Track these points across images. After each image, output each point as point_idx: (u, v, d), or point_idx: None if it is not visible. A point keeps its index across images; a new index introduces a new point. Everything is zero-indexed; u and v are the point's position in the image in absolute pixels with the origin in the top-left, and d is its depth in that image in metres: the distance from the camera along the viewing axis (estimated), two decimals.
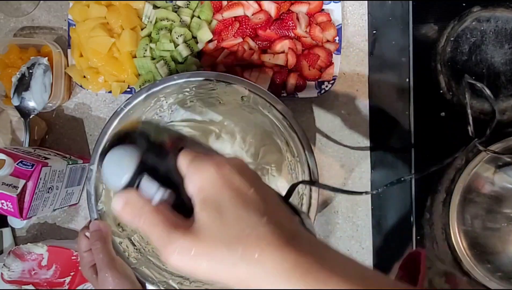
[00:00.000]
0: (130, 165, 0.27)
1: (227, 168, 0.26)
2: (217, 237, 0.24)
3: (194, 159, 0.27)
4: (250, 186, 0.26)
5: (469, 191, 0.54)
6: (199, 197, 0.26)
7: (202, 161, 0.27)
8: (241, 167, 0.27)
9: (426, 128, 0.58)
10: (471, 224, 0.55)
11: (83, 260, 0.46)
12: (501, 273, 0.54)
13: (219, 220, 0.25)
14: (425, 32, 0.59)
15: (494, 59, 0.56)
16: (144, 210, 0.26)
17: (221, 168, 0.26)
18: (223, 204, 0.25)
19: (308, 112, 0.60)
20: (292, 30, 0.56)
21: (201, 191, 0.26)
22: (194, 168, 0.27)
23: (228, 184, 0.26)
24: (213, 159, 0.27)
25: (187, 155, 0.28)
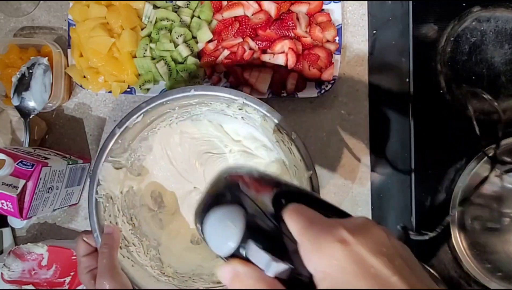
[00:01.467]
0: (236, 229, 0.24)
1: (358, 247, 0.21)
2: None
3: (309, 227, 0.22)
4: (392, 270, 0.20)
5: (469, 191, 0.54)
6: (325, 284, 0.21)
7: (321, 235, 0.22)
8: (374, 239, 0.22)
9: (426, 128, 0.58)
10: (471, 224, 0.55)
11: (81, 265, 0.46)
12: (501, 273, 0.54)
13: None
14: (425, 32, 0.59)
15: (494, 59, 0.56)
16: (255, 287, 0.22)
17: (350, 248, 0.21)
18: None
19: (308, 112, 0.60)
20: (292, 30, 0.56)
21: (327, 278, 0.21)
22: (313, 245, 0.22)
23: (364, 270, 0.20)
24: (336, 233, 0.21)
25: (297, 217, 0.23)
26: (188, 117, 0.53)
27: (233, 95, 0.45)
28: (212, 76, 0.58)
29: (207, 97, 0.47)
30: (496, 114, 0.56)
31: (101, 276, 0.43)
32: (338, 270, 0.21)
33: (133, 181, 0.53)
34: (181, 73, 0.57)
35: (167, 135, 0.55)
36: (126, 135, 0.48)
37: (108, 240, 0.45)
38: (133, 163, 0.53)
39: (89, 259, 0.46)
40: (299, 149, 0.45)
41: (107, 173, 0.47)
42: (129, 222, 0.51)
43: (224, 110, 0.49)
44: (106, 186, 0.48)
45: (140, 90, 0.58)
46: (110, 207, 0.48)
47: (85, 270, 0.46)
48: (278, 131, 0.46)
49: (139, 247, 0.51)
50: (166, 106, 0.47)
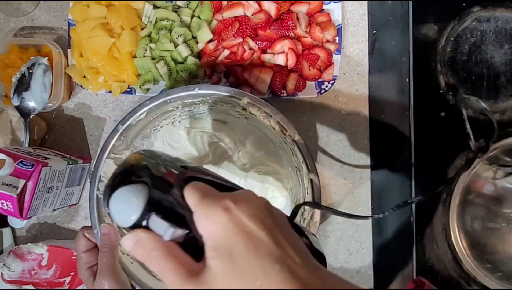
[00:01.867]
0: (138, 205, 0.27)
1: (238, 211, 0.26)
2: (229, 286, 0.24)
3: (202, 200, 0.27)
4: (262, 228, 0.26)
5: (469, 192, 0.55)
6: (210, 243, 0.25)
7: (211, 205, 0.26)
8: (252, 205, 0.27)
9: (426, 128, 0.58)
10: (471, 224, 0.55)
11: (81, 260, 0.46)
12: (501, 273, 0.54)
13: (231, 269, 0.24)
14: (425, 32, 0.59)
15: (494, 59, 0.56)
16: (155, 252, 0.26)
17: (231, 213, 0.26)
18: (234, 251, 0.25)
19: (308, 112, 0.60)
20: (292, 30, 0.56)
21: (211, 237, 0.26)
22: (203, 212, 0.26)
23: (239, 230, 0.25)
24: (222, 202, 0.26)
25: (194, 192, 0.27)
26: (191, 115, 0.53)
27: (237, 95, 0.45)
28: (212, 76, 0.58)
29: (211, 96, 0.47)
30: (498, 114, 0.56)
31: (101, 275, 0.43)
32: (220, 231, 0.25)
33: None
34: (181, 73, 0.57)
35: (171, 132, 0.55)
36: (129, 132, 0.48)
37: (107, 240, 0.45)
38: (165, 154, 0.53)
39: (89, 255, 0.46)
40: (301, 151, 0.45)
41: (109, 170, 0.47)
42: None
43: (227, 110, 0.49)
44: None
45: (140, 90, 0.58)
46: None
47: (85, 266, 0.46)
48: (281, 132, 0.46)
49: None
50: (170, 104, 0.47)
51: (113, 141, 0.47)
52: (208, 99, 0.48)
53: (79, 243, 0.47)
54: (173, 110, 0.49)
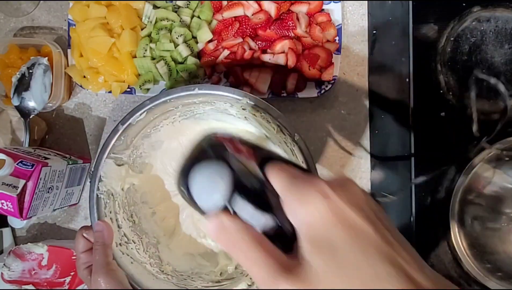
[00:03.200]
0: (222, 183, 0.24)
1: (337, 199, 0.22)
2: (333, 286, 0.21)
3: (292, 183, 0.24)
4: (367, 221, 0.22)
5: (469, 191, 0.54)
6: (308, 235, 0.22)
7: (304, 189, 0.23)
8: (354, 193, 0.23)
9: (426, 128, 0.58)
10: (471, 224, 0.55)
11: (79, 260, 0.46)
12: (501, 273, 0.54)
13: (335, 267, 0.21)
14: (425, 32, 0.59)
15: (494, 59, 0.56)
16: (244, 239, 0.23)
17: (331, 199, 0.22)
18: (338, 247, 0.21)
19: (308, 112, 0.60)
20: (292, 30, 0.56)
21: (310, 228, 0.22)
22: (296, 198, 0.23)
23: (342, 221, 0.22)
24: (318, 186, 0.23)
25: (280, 174, 0.24)
26: (191, 115, 0.53)
27: (237, 95, 0.45)
28: (212, 76, 0.58)
29: (211, 96, 0.47)
30: (497, 114, 0.56)
31: (95, 273, 0.43)
32: (318, 220, 0.22)
33: (135, 178, 0.53)
34: (181, 73, 0.57)
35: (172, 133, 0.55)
36: (129, 132, 0.48)
37: (100, 237, 0.45)
38: (135, 160, 0.53)
39: (87, 255, 0.46)
40: (301, 151, 0.45)
41: (109, 170, 0.48)
42: (129, 219, 0.51)
43: (227, 109, 0.50)
44: (107, 182, 0.48)
45: (140, 90, 0.58)
46: (111, 204, 0.48)
47: (83, 266, 0.46)
48: (281, 132, 0.46)
49: (139, 244, 0.51)
50: (170, 104, 0.47)
51: (113, 141, 0.47)
52: (208, 99, 0.48)
53: (77, 244, 0.47)
54: (173, 110, 0.49)
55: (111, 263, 0.44)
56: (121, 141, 0.47)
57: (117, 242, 0.47)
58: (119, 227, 0.49)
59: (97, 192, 0.47)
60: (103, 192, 0.47)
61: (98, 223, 0.46)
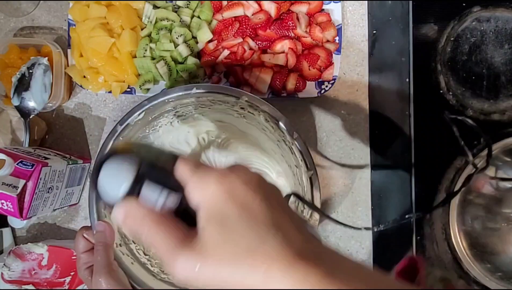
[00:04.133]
0: (129, 174, 0.26)
1: (230, 179, 0.26)
2: (222, 254, 0.24)
3: (195, 169, 0.27)
4: (255, 196, 0.25)
5: (469, 191, 0.54)
6: (203, 210, 0.25)
7: (204, 172, 0.26)
8: (244, 175, 0.26)
9: (426, 128, 0.58)
10: (471, 224, 0.55)
11: (80, 261, 0.46)
12: (501, 273, 0.54)
13: (224, 235, 0.24)
14: (425, 32, 0.59)
15: (494, 59, 0.56)
16: (146, 220, 0.26)
17: (224, 180, 0.26)
18: (228, 218, 0.25)
19: (308, 112, 0.60)
20: (292, 30, 0.56)
21: (205, 204, 0.25)
22: (196, 180, 0.26)
23: (232, 197, 0.25)
24: (215, 170, 0.26)
25: (187, 163, 0.27)
26: (190, 115, 0.53)
27: (235, 94, 0.45)
28: (212, 76, 0.58)
29: (210, 96, 0.47)
30: (497, 114, 0.56)
31: (96, 273, 0.43)
32: (213, 198, 0.25)
33: None
34: (181, 73, 0.57)
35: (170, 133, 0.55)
36: (128, 132, 0.48)
37: (101, 237, 0.45)
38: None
39: (88, 255, 0.46)
40: (300, 149, 0.45)
41: None
42: None
43: (226, 109, 0.50)
44: None
45: (140, 90, 0.58)
46: None
47: (84, 266, 0.46)
48: (279, 130, 0.46)
49: (139, 245, 0.51)
50: (168, 104, 0.47)
51: (112, 141, 0.47)
52: (207, 99, 0.48)
53: (78, 244, 0.47)
54: (171, 110, 0.49)
55: (113, 264, 0.44)
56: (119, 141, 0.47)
57: (117, 242, 0.47)
58: (119, 227, 0.49)
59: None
60: None
61: (100, 223, 0.46)
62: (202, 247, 0.24)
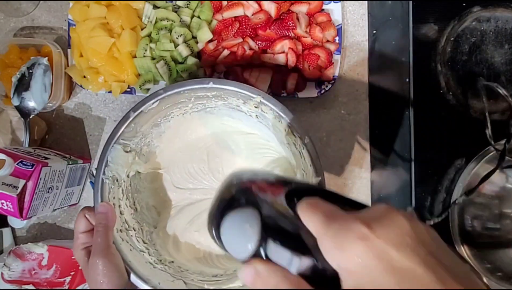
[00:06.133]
0: (253, 231, 0.24)
1: (378, 242, 0.20)
2: None
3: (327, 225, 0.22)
4: (416, 261, 0.20)
5: (469, 191, 0.54)
6: (350, 283, 0.20)
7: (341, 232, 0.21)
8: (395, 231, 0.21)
9: (426, 128, 0.58)
10: (471, 224, 0.55)
11: (78, 241, 0.46)
12: (501, 273, 0.54)
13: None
14: (425, 32, 0.59)
15: (494, 59, 0.56)
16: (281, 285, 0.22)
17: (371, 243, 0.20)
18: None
19: (308, 112, 0.60)
20: (292, 30, 0.56)
21: (352, 275, 0.20)
22: (333, 243, 0.21)
23: (387, 265, 0.20)
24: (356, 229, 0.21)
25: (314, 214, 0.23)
26: (203, 109, 0.53)
27: (250, 92, 0.45)
28: (212, 76, 0.58)
29: (224, 92, 0.47)
30: (498, 114, 0.56)
31: (95, 254, 0.43)
32: (361, 268, 0.20)
33: (140, 166, 0.53)
34: (181, 73, 0.57)
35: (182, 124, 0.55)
36: (140, 119, 0.48)
37: (103, 219, 0.45)
38: (142, 148, 0.53)
39: (87, 236, 0.46)
40: (310, 154, 0.45)
41: (116, 155, 0.48)
42: (132, 206, 0.52)
43: (239, 106, 0.50)
44: (113, 167, 0.48)
45: (140, 90, 0.58)
46: (115, 189, 0.49)
47: (81, 246, 0.45)
48: (291, 133, 0.46)
49: (139, 232, 0.51)
50: (182, 96, 0.48)
51: (123, 127, 0.47)
52: (221, 94, 0.48)
53: (78, 223, 0.46)
54: (185, 101, 0.49)
55: (111, 247, 0.44)
56: (131, 128, 0.48)
57: (118, 228, 0.47)
58: (121, 213, 0.49)
59: (102, 176, 0.47)
60: (108, 177, 0.47)
61: (103, 204, 0.46)
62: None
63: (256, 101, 0.45)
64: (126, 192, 0.51)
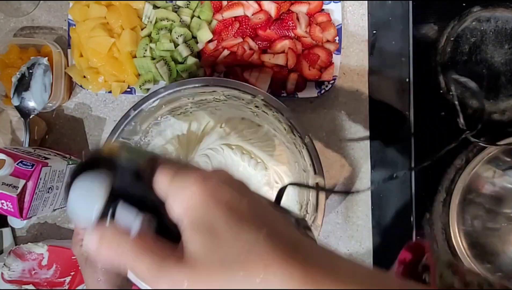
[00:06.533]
0: (100, 194, 0.23)
1: (213, 181, 0.23)
2: (213, 264, 0.21)
3: (175, 176, 0.24)
4: (241, 196, 0.23)
5: (469, 191, 0.54)
6: (187, 219, 0.23)
7: (184, 177, 0.23)
8: (227, 177, 0.24)
9: (426, 128, 0.58)
10: (471, 224, 0.55)
11: (78, 236, 0.45)
12: (501, 273, 0.54)
13: (213, 242, 0.22)
14: (425, 32, 0.59)
15: (494, 59, 0.56)
16: (123, 244, 0.22)
17: (207, 182, 0.23)
18: (215, 223, 0.22)
19: (308, 112, 0.60)
20: (292, 30, 0.56)
21: (188, 212, 0.23)
22: (176, 187, 0.23)
23: (217, 199, 0.23)
24: (196, 173, 0.23)
25: (166, 173, 0.24)
26: (203, 108, 0.53)
27: (251, 92, 0.45)
28: (212, 76, 0.58)
29: (225, 91, 0.47)
30: (497, 114, 0.56)
31: None
32: (197, 202, 0.22)
33: None
34: (181, 73, 0.57)
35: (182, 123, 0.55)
36: (140, 117, 0.48)
37: None
38: (142, 146, 0.53)
39: None
40: (310, 154, 0.45)
41: None
42: None
43: (240, 106, 0.50)
44: None
45: (140, 90, 0.58)
46: None
47: (80, 242, 0.45)
48: (291, 133, 0.46)
49: None
50: (183, 95, 0.48)
51: (123, 125, 0.47)
52: (222, 94, 0.48)
53: None
54: (185, 100, 0.50)
55: None
56: (131, 126, 0.48)
57: None
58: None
59: None
60: None
61: None
62: (190, 259, 0.22)
63: (257, 100, 0.45)
64: None
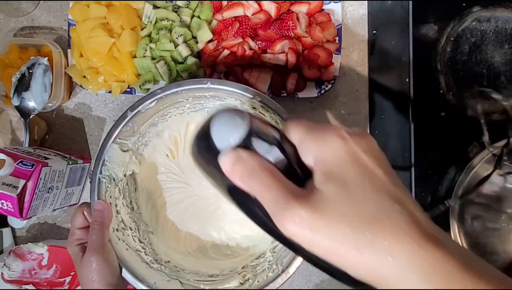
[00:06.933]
0: (241, 126, 0.26)
1: (352, 144, 0.24)
2: (341, 215, 0.21)
3: (312, 128, 0.25)
4: (379, 166, 0.24)
5: (469, 191, 0.54)
6: (322, 168, 0.23)
7: (323, 130, 0.24)
8: (367, 141, 0.25)
9: (426, 128, 0.58)
10: (471, 224, 0.55)
11: (73, 236, 0.46)
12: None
13: (345, 197, 0.22)
14: (425, 32, 0.59)
15: (494, 59, 0.56)
16: (257, 169, 0.24)
17: (348, 142, 0.24)
18: (350, 181, 0.22)
19: (308, 112, 0.60)
20: (292, 30, 0.56)
21: (325, 163, 0.23)
22: (315, 138, 0.24)
23: (356, 161, 0.23)
24: (337, 130, 0.24)
25: (300, 125, 0.25)
26: (200, 109, 0.53)
27: (248, 93, 0.45)
28: (212, 76, 0.58)
29: (222, 92, 0.47)
30: (497, 114, 0.56)
31: (89, 252, 0.43)
32: (334, 157, 0.23)
33: (137, 166, 0.53)
34: (181, 73, 0.57)
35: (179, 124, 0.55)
36: (137, 118, 0.48)
37: (99, 217, 0.45)
38: (140, 147, 0.53)
39: (83, 232, 0.46)
40: None
41: (113, 154, 0.48)
42: (128, 205, 0.52)
43: (237, 106, 0.50)
44: (110, 167, 0.48)
45: (140, 90, 0.58)
46: (112, 189, 0.49)
47: (76, 242, 0.46)
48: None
49: (135, 232, 0.51)
50: (180, 95, 0.48)
51: (121, 126, 0.47)
52: (219, 94, 0.48)
53: (75, 219, 0.47)
54: (183, 101, 0.50)
55: (107, 245, 0.45)
56: (128, 127, 0.48)
57: (114, 227, 0.48)
58: (118, 212, 0.49)
59: (99, 175, 0.47)
60: (105, 176, 0.47)
61: (99, 202, 0.46)
62: (319, 204, 0.22)
63: (253, 101, 0.45)
64: (123, 191, 0.51)
